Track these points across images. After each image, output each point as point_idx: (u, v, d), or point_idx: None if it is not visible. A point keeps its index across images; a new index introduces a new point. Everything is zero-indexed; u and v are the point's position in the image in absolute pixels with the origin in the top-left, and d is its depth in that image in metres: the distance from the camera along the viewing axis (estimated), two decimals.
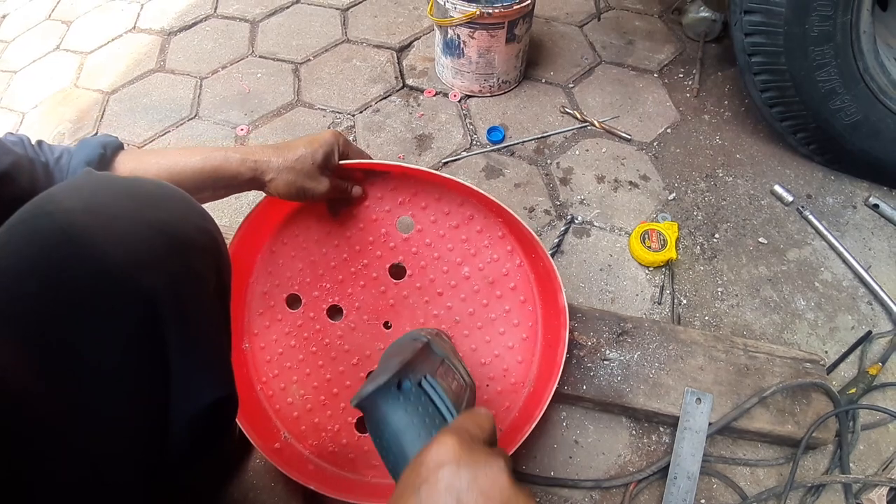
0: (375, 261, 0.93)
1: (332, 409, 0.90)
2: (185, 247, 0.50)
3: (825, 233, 1.18)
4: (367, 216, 0.92)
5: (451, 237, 0.91)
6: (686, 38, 1.64)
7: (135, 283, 0.45)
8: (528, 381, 0.89)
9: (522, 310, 0.91)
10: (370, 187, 0.91)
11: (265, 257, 0.94)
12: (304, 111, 1.46)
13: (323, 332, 0.93)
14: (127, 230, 0.46)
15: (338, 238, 0.93)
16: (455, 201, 0.90)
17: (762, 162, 1.33)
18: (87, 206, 0.46)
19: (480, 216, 0.90)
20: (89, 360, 0.43)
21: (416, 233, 0.92)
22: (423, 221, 0.92)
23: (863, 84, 1.13)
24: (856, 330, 1.07)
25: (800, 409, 0.91)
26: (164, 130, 1.44)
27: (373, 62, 1.58)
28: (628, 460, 0.93)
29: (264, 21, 1.73)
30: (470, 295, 0.91)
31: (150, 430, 0.48)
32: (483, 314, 0.91)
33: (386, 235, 0.93)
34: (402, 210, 0.92)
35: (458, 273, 0.91)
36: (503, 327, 0.91)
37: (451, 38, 1.34)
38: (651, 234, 1.14)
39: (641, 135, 1.38)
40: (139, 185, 0.52)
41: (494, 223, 0.90)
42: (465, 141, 1.37)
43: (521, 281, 0.90)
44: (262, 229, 0.92)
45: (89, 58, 1.69)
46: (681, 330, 0.99)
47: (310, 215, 0.92)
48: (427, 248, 0.92)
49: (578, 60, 1.57)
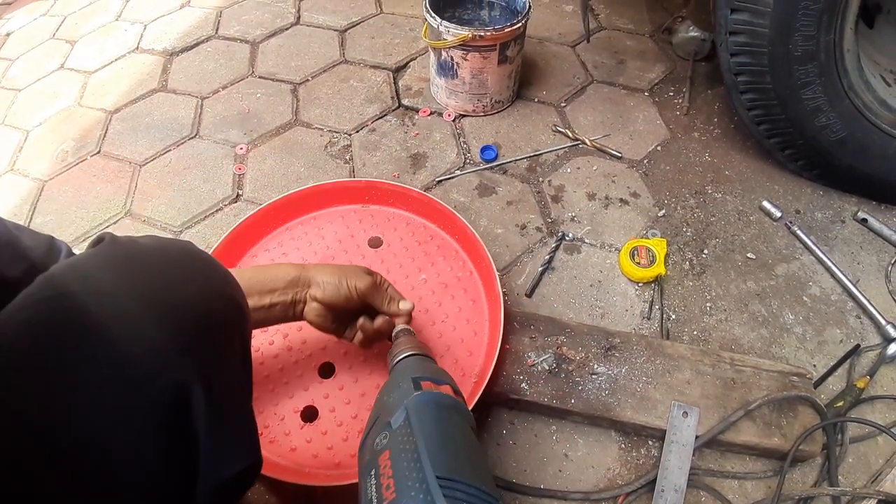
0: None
1: (279, 398, 0.93)
2: (215, 325, 0.47)
3: (813, 247, 1.20)
4: (345, 234, 1.15)
5: (413, 251, 1.12)
6: (676, 58, 1.67)
7: (163, 372, 0.41)
8: (474, 373, 0.96)
9: (473, 310, 1.04)
10: (352, 214, 1.18)
11: (247, 262, 1.10)
12: (303, 130, 1.49)
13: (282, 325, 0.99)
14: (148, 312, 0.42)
15: (318, 248, 1.12)
16: (419, 224, 1.16)
17: (751, 178, 1.35)
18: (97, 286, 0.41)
19: (439, 237, 1.14)
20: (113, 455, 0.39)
21: (385, 248, 1.13)
22: (392, 240, 1.14)
23: (848, 101, 1.15)
24: (844, 343, 1.08)
25: (786, 422, 0.92)
26: (165, 149, 1.46)
27: (369, 82, 1.61)
28: (617, 473, 0.94)
29: (264, 42, 1.77)
30: (426, 295, 1.05)
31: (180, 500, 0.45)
32: (437, 313, 1.03)
33: (359, 248, 1.13)
34: (376, 231, 1.15)
35: (417, 278, 1.08)
36: (455, 325, 1.02)
37: (445, 59, 1.38)
38: (640, 250, 1.16)
39: (632, 152, 1.41)
40: (160, 254, 0.48)
41: (451, 241, 1.13)
42: (459, 159, 1.39)
43: (471, 286, 1.07)
44: (248, 237, 1.11)
45: (93, 77, 1.72)
46: (668, 344, 1.00)
47: (296, 230, 1.15)
48: (392, 258, 1.11)
49: (570, 80, 1.60)
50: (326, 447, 0.88)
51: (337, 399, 0.93)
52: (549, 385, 0.95)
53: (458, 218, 1.08)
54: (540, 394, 0.94)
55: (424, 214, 1.16)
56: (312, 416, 0.92)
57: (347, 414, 0.91)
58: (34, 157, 1.49)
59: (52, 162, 1.46)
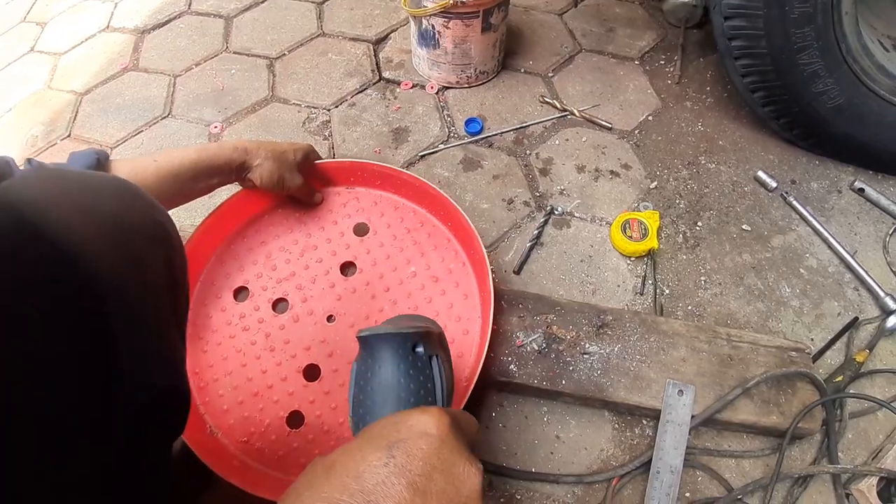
0: (329, 258, 1.01)
1: (264, 402, 0.89)
2: (132, 235, 0.48)
3: (810, 218, 1.16)
4: (329, 219, 1.06)
5: (402, 240, 1.03)
6: (667, 25, 1.61)
7: (79, 269, 0.42)
8: (464, 376, 0.89)
9: (465, 306, 0.95)
10: (335, 196, 1.08)
11: (222, 250, 1.01)
12: (279, 107, 1.43)
13: (265, 323, 0.95)
14: (74, 220, 0.44)
15: (298, 234, 1.04)
16: (409, 210, 1.05)
17: (745, 148, 1.30)
18: (35, 197, 0.44)
19: (430, 223, 1.04)
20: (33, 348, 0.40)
21: (371, 235, 1.04)
22: (379, 226, 1.04)
23: (846, 66, 1.10)
24: (842, 316, 1.05)
25: (785, 399, 0.89)
26: (136, 130, 1.41)
27: (349, 55, 1.54)
28: (611, 455, 0.91)
29: (238, 16, 1.70)
30: (416, 291, 0.98)
31: (96, 422, 0.45)
32: (427, 310, 0.96)
33: (343, 236, 1.04)
34: (362, 216, 1.06)
35: (406, 271, 1.00)
36: (445, 322, 0.94)
37: (426, 28, 1.32)
38: (632, 223, 1.11)
39: (622, 123, 1.36)
40: (90, 178, 0.50)
41: (443, 229, 1.03)
42: (443, 133, 1.34)
43: (464, 279, 0.98)
44: (225, 224, 1.00)
45: (62, 59, 1.66)
46: (662, 321, 0.96)
47: (275, 215, 1.04)
48: (380, 248, 1.02)
49: (558, 49, 1.54)
50: (314, 454, 0.84)
51: (323, 404, 0.88)
52: (538, 366, 0.91)
53: (452, 204, 0.98)
54: (529, 375, 0.91)
55: (415, 198, 1.06)
56: (298, 422, 0.87)
57: (334, 420, 0.87)
58: (3, 143, 1.43)
59: (23, 147, 1.40)
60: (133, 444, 0.48)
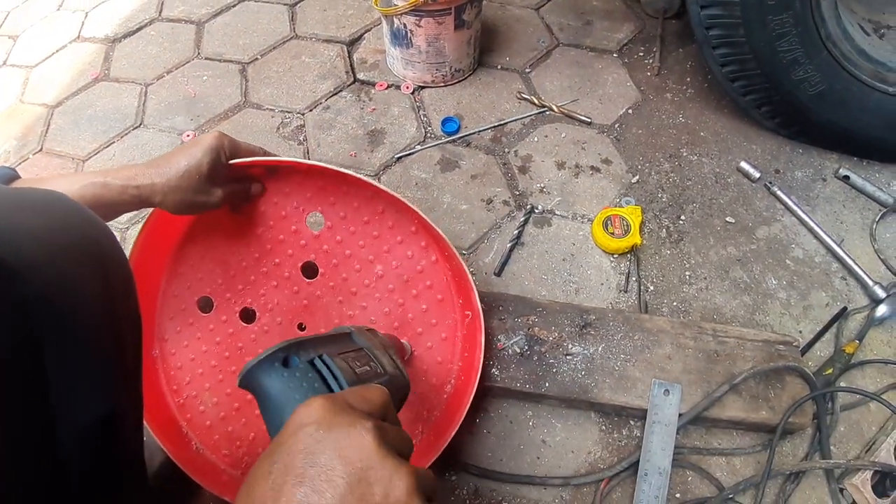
0: (287, 259, 0.88)
1: (246, 416, 0.86)
2: (62, 253, 0.46)
3: (795, 208, 1.14)
4: (275, 213, 0.87)
5: (362, 233, 0.87)
6: (645, 16, 1.59)
7: (5, 289, 0.41)
8: (450, 382, 0.85)
9: (440, 309, 0.86)
10: (276, 182, 0.86)
11: (176, 257, 0.89)
12: (253, 112, 1.40)
13: (236, 335, 0.89)
14: (4, 237, 0.42)
15: (248, 236, 0.89)
16: (364, 195, 0.85)
17: (727, 139, 1.28)
18: None
19: (392, 210, 0.85)
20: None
21: (326, 229, 0.87)
22: (332, 217, 0.87)
23: (826, 52, 1.08)
24: (830, 307, 1.03)
25: (774, 394, 0.87)
26: (108, 142, 1.38)
27: (322, 57, 1.51)
28: (599, 457, 0.88)
29: (210, 21, 1.67)
30: (385, 294, 0.87)
31: (38, 446, 0.44)
32: (399, 314, 0.87)
33: (296, 233, 0.88)
34: (311, 206, 0.87)
35: (372, 271, 0.87)
36: (421, 327, 0.87)
37: (398, 27, 1.29)
38: (614, 219, 1.09)
39: (602, 117, 1.33)
40: (24, 193, 0.49)
41: (407, 218, 0.85)
42: (419, 134, 1.31)
43: (437, 279, 0.86)
44: (169, 229, 0.86)
45: (34, 71, 1.62)
46: (646, 318, 0.94)
47: (218, 212, 0.84)
48: (338, 245, 0.87)
49: (535, 44, 1.51)
50: None
51: None
52: (521, 369, 0.89)
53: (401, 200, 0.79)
54: (512, 379, 0.88)
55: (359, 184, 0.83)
56: None
57: None
58: None
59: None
60: (79, 466, 0.46)
